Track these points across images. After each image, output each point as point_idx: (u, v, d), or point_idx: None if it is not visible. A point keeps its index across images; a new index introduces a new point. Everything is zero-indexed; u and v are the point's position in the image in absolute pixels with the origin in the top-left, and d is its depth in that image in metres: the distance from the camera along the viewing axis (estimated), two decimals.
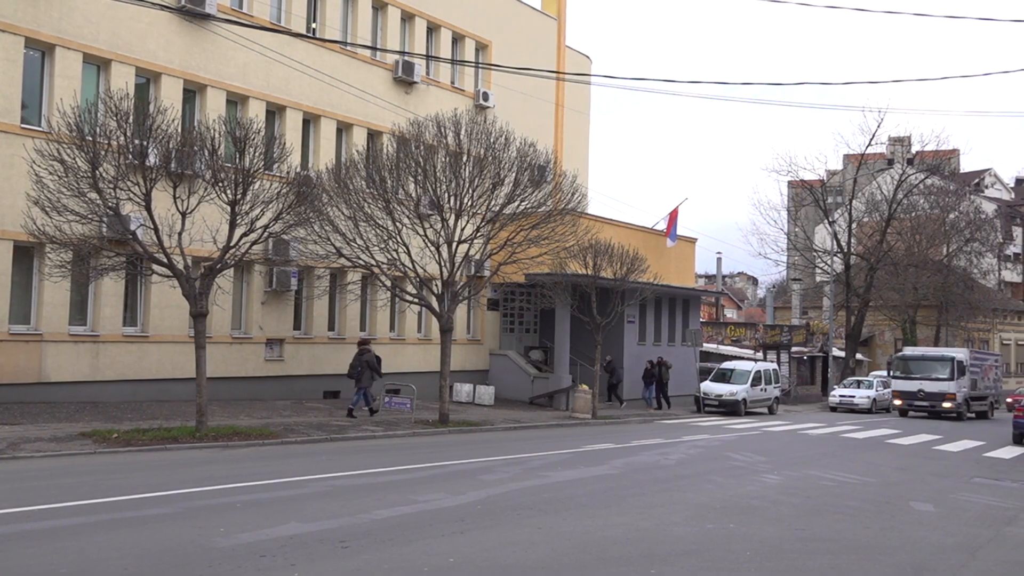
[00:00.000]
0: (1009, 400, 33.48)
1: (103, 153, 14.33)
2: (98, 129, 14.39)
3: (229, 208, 15.50)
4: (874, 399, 36.08)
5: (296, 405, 21.07)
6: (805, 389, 43.87)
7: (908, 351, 34.13)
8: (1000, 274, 59.92)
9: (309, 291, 22.40)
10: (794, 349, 43.31)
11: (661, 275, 28.38)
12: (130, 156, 14.52)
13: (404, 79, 25.27)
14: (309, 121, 23.21)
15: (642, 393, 28.55)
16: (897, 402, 32.76)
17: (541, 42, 30.94)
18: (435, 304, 20.75)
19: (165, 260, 15.19)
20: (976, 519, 10.83)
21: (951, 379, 31.58)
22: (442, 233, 20.11)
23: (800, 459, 16.57)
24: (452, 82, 27.53)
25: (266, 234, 16.47)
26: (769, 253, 50.70)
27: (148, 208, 14.88)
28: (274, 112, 22.31)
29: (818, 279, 52.05)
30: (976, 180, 69.73)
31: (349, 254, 20.00)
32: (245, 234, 15.85)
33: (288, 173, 17.06)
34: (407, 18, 25.90)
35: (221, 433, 15.18)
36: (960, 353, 32.27)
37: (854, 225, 44.96)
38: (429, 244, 20.23)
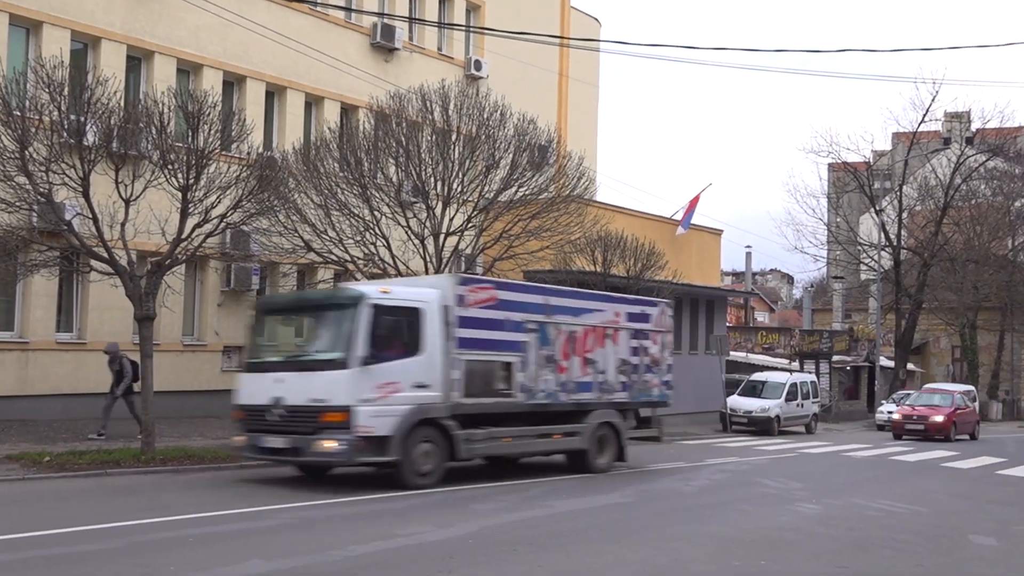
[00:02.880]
0: None
1: (33, 131, 14.32)
2: (27, 103, 14.37)
3: (180, 195, 15.49)
4: None
5: None
6: (848, 405, 43.96)
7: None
8: None
9: (273, 291, 22.38)
10: (835, 358, 43.40)
11: (681, 272, 28.40)
12: (65, 134, 14.51)
13: (383, 45, 25.27)
14: (273, 94, 23.19)
15: None
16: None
17: (542, 2, 30.96)
18: None
19: (106, 255, 15.18)
20: None
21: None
22: (427, 224, 20.11)
23: (842, 485, 16.59)
24: (439, 49, 27.54)
25: (223, 225, 16.44)
26: (806, 247, 50.98)
27: (86, 194, 14.85)
28: (232, 83, 22.29)
29: (863, 277, 52.18)
30: None
31: (320, 248, 19.97)
32: (199, 225, 15.84)
33: (249, 154, 17.07)
34: None
35: (171, 456, 15.16)
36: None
37: (905, 214, 45.04)
38: (412, 236, 20.24)
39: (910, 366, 47.91)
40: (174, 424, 19.36)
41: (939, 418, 28.48)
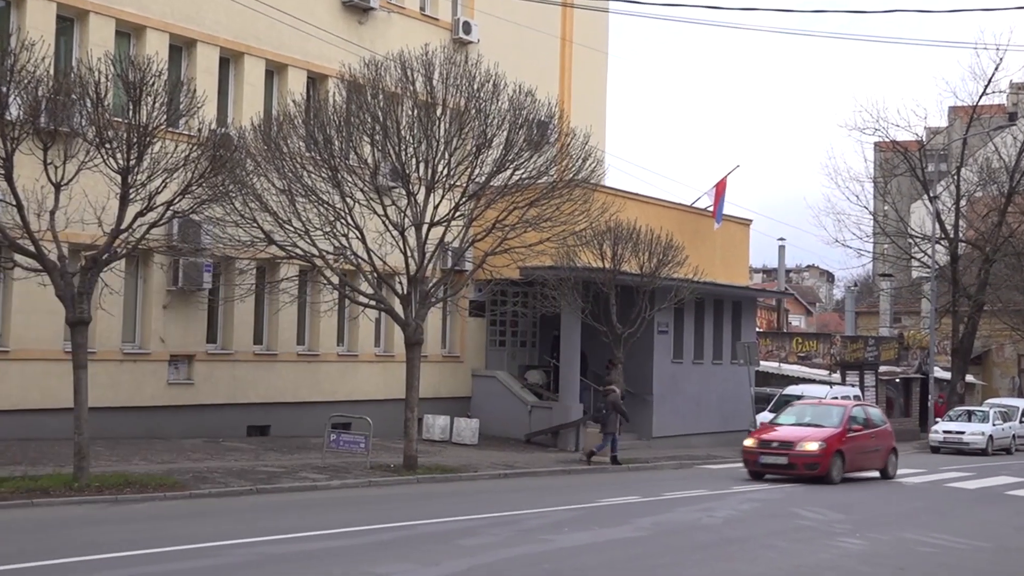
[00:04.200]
0: None
1: None
2: None
3: (119, 178, 15.44)
4: (991, 436, 36.21)
5: (210, 445, 21.06)
6: (897, 423, 43.94)
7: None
8: None
9: (228, 291, 22.36)
10: (883, 369, 43.43)
11: (704, 269, 28.41)
12: None
13: (357, 4, 25.25)
14: (228, 60, 23.15)
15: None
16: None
17: None
18: (399, 308, 20.72)
19: (32, 248, 15.12)
20: None
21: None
22: (408, 212, 20.08)
23: (890, 517, 16.60)
24: (422, 8, 27.50)
25: (170, 213, 16.38)
26: (849, 240, 50.65)
27: (9, 178, 14.79)
28: (181, 48, 22.25)
29: (915, 274, 52.19)
30: None
31: (283, 240, 19.94)
32: (141, 213, 15.78)
33: (200, 131, 17.01)
34: None
35: (108, 483, 15.14)
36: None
37: (963, 202, 45.02)
38: (391, 227, 20.21)
39: (969, 378, 47.96)
40: (112, 446, 19.33)
41: (811, 446, 21.39)
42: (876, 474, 23.41)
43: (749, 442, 22.30)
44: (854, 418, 22.85)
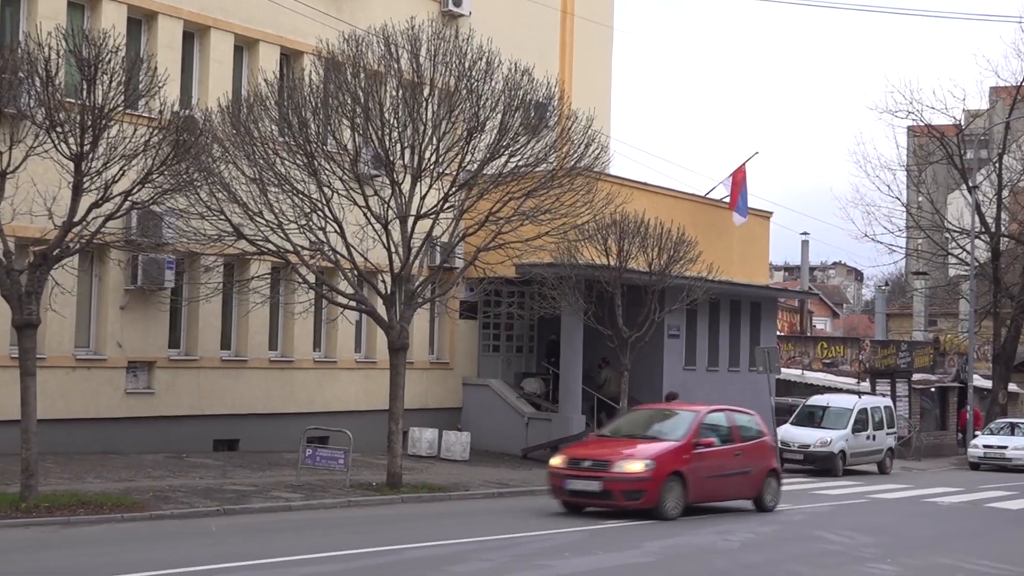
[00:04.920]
0: None
1: None
2: None
3: (72, 165, 15.39)
4: None
5: (173, 461, 21.03)
6: (933, 436, 44.04)
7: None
8: None
9: (192, 290, 22.34)
10: (916, 377, 43.45)
11: (720, 266, 28.40)
12: None
13: None
14: (193, 35, 23.09)
15: None
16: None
17: None
18: (382, 309, 20.70)
19: None
20: None
21: None
22: (392, 204, 20.05)
23: (926, 541, 16.60)
24: None
25: (128, 204, 16.34)
26: (879, 234, 50.41)
27: None
28: (140, 21, 22.19)
29: (952, 272, 52.23)
30: None
31: (253, 235, 19.90)
32: (96, 204, 15.73)
33: (161, 113, 16.95)
34: None
35: (59, 503, 15.09)
36: None
37: (1005, 192, 45.10)
38: (373, 220, 20.19)
39: (1012, 387, 47.94)
40: (64, 462, 19.28)
41: (634, 466, 17.42)
42: (748, 505, 19.64)
43: (557, 460, 18.18)
44: (709, 427, 18.89)
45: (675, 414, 19.68)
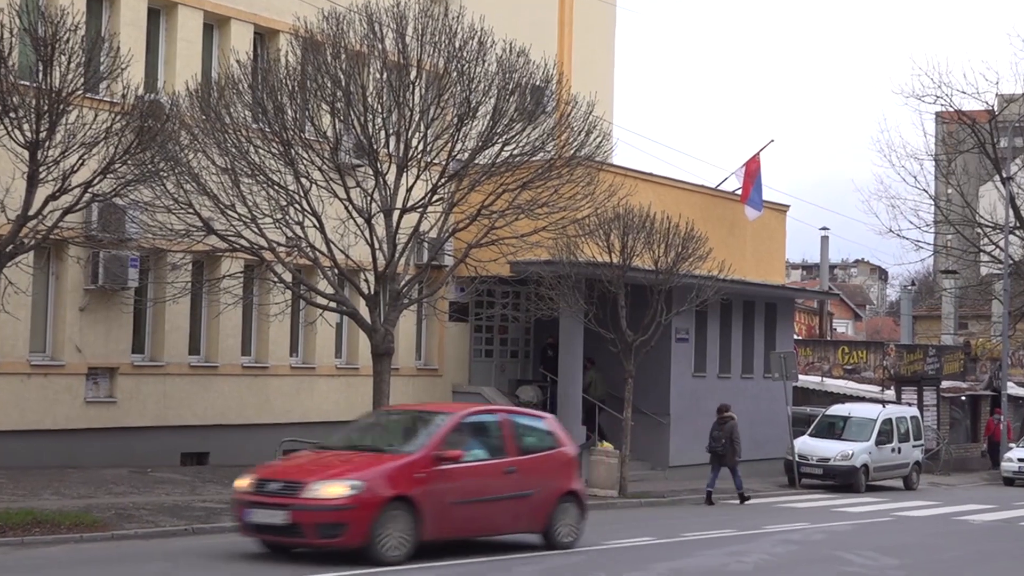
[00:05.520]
0: None
1: None
2: None
3: (27, 154, 15.37)
4: None
5: (136, 476, 20.99)
6: (963, 449, 44.12)
7: None
8: None
9: (158, 290, 22.32)
10: (945, 384, 43.50)
11: (732, 264, 28.38)
12: None
13: None
14: (159, 12, 23.08)
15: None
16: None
17: None
18: (364, 311, 20.68)
19: None
20: None
21: None
22: (376, 196, 20.04)
23: (955, 562, 16.62)
24: None
25: (88, 196, 16.32)
26: (905, 229, 50.35)
27: None
28: None
29: (984, 271, 52.31)
30: None
31: (225, 230, 19.88)
32: (53, 196, 15.72)
33: (124, 97, 16.94)
34: None
35: (13, 521, 15.03)
36: None
37: None
38: (355, 214, 20.17)
39: None
40: (17, 477, 19.22)
41: (335, 490, 13.81)
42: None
43: (243, 481, 14.59)
44: (467, 435, 15.55)
45: (425, 417, 15.92)
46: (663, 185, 29.48)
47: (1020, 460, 36.75)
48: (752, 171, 31.78)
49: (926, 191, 47.11)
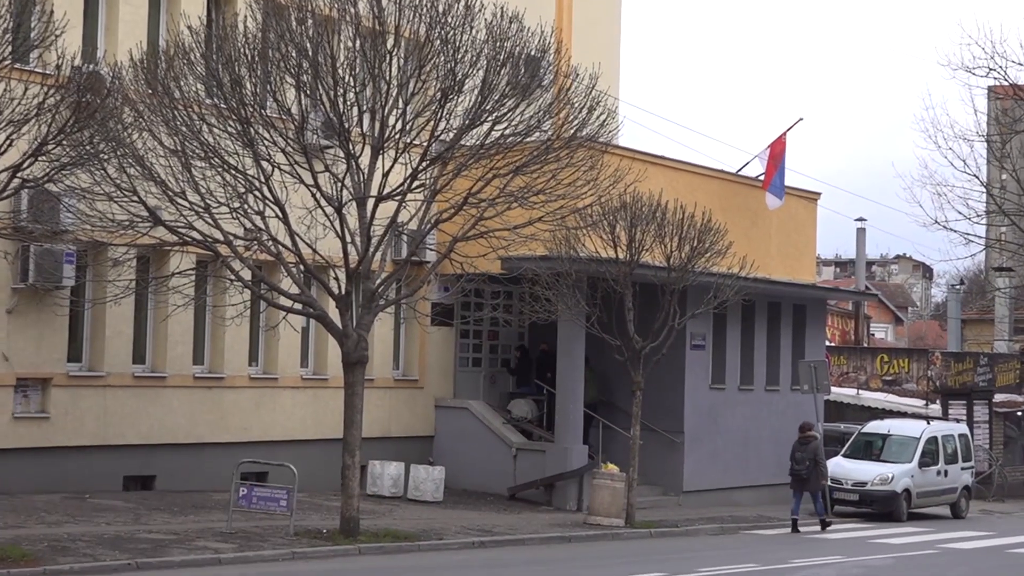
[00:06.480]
0: None
1: None
2: None
3: None
4: None
5: (73, 502, 20.97)
6: (1019, 471, 44.12)
7: None
8: None
9: (98, 290, 22.27)
10: (999, 398, 43.52)
11: (755, 261, 28.37)
12: None
13: None
14: None
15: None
16: None
17: None
18: (334, 314, 20.66)
19: None
20: None
21: None
22: (348, 182, 20.01)
23: None
24: None
25: (17, 182, 16.26)
26: (953, 220, 50.20)
27: None
28: None
29: None
30: None
31: (174, 220, 19.84)
32: None
33: (59, 68, 16.88)
34: None
35: None
36: None
37: None
38: (323, 202, 20.14)
39: None
40: None
41: None
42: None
43: None
44: None
45: None
46: (676, 170, 29.48)
47: None
48: (776, 154, 31.76)
49: (977, 176, 47.07)
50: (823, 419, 32.67)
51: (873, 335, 76.53)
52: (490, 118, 20.54)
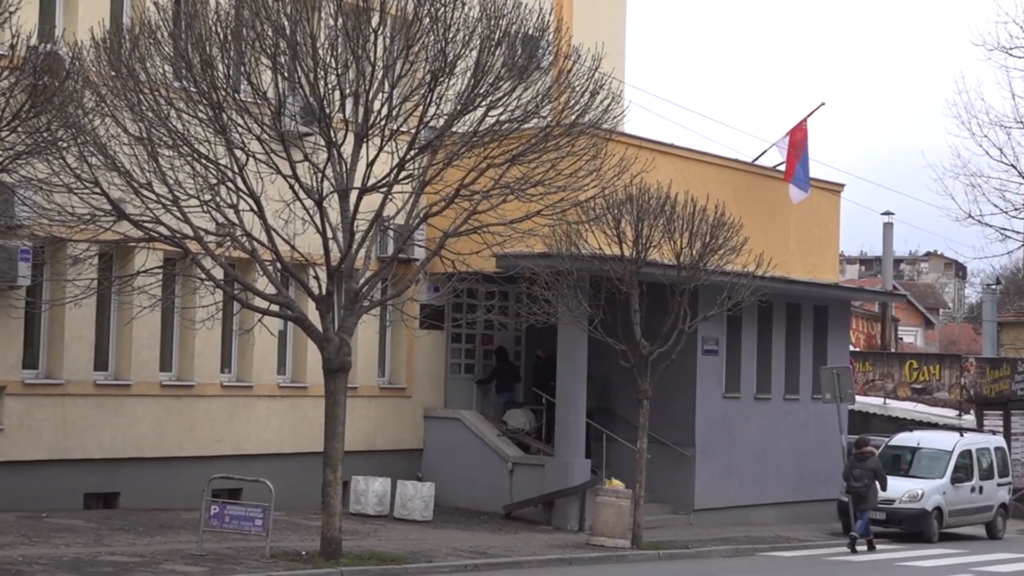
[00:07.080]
0: None
1: None
2: None
3: None
4: None
5: (28, 521, 20.96)
6: None
7: None
8: None
9: (56, 290, 22.27)
10: None
11: (773, 258, 28.38)
12: None
13: None
14: None
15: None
16: None
17: None
18: (314, 316, 20.65)
19: None
20: None
21: None
22: (329, 172, 20.00)
23: None
24: None
25: None
26: (988, 214, 50.04)
27: None
28: None
29: None
30: None
31: (139, 214, 19.83)
32: None
33: (13, 48, 16.89)
34: None
35: None
36: None
37: None
38: (302, 195, 20.14)
39: None
40: None
41: None
42: None
43: None
44: None
45: None
46: (687, 159, 29.51)
47: None
48: (797, 142, 31.77)
49: (1015, 167, 47.07)
50: (847, 431, 32.70)
51: (901, 339, 76.69)
52: (484, 103, 20.51)
